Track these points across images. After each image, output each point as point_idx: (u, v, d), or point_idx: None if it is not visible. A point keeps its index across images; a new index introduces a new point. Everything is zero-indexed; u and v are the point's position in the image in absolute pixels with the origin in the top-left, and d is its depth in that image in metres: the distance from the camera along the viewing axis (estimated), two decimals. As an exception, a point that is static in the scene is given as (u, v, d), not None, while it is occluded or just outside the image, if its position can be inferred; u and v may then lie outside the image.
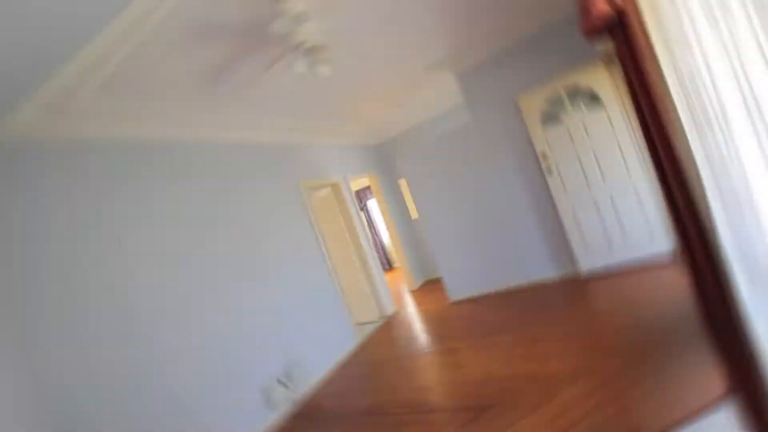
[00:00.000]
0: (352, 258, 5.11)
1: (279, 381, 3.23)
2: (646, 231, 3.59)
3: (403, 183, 6.44)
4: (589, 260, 3.83)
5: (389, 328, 4.60)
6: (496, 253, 4.38)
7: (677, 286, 2.95)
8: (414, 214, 6.42)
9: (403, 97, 4.85)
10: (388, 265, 9.45)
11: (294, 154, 4.46)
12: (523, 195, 4.13)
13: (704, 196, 1.74)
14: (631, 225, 3.63)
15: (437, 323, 4.15)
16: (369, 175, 6.01)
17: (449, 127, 5.83)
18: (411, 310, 5.05)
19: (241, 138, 3.75)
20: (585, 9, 1.93)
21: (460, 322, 3.91)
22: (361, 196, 9.32)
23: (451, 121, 5.89)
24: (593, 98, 3.63)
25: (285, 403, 3.26)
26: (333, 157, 5.20)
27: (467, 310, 4.21)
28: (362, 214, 9.54)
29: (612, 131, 3.58)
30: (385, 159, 6.58)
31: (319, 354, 3.78)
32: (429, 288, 5.90)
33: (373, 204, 9.42)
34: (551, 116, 3.80)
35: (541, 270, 4.17)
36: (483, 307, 4.08)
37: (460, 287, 4.64)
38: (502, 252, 4.34)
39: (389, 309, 5.20)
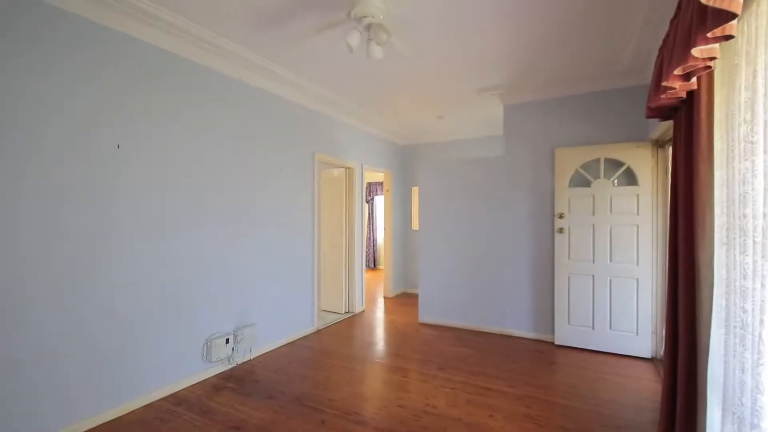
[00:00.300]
0: (340, 245, 5.03)
1: (226, 339, 3.15)
2: (633, 326, 3.47)
3: (415, 191, 6.35)
4: (566, 334, 3.72)
5: (351, 325, 4.51)
6: (478, 291, 4.28)
7: (647, 388, 2.85)
8: (415, 225, 6.33)
9: (445, 109, 4.75)
10: (373, 263, 9.37)
11: (318, 124, 4.36)
12: (525, 244, 4.02)
13: (710, 315, 1.64)
14: (621, 315, 3.51)
15: (398, 337, 4.06)
16: (385, 171, 5.91)
17: (479, 154, 5.74)
18: (378, 316, 4.96)
19: (271, 88, 3.65)
20: (657, 84, 1.82)
21: (421, 344, 3.81)
22: (371, 189, 9.23)
23: (484, 148, 5.80)
24: (629, 176, 3.51)
25: (224, 361, 3.19)
26: (355, 142, 5.11)
27: (432, 335, 4.11)
28: (367, 206, 9.48)
29: (636, 214, 3.46)
30: (406, 162, 6.49)
31: (273, 325, 3.70)
32: (403, 300, 5.81)
33: (380, 201, 9.34)
34: (582, 179, 3.69)
35: (517, 323, 4.07)
36: (448, 339, 3.98)
37: (432, 311, 4.55)
38: (485, 292, 4.24)
39: (358, 306, 5.11)
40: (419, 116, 5.11)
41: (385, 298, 6.02)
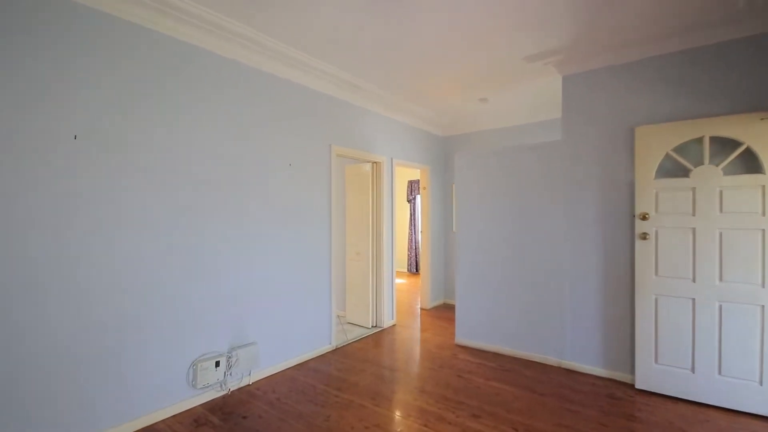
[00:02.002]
0: (366, 251, 4.43)
1: (216, 362, 2.69)
2: (755, 372, 2.46)
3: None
4: (652, 376, 2.77)
5: (375, 344, 3.88)
6: (530, 310, 3.44)
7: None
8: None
9: (488, 88, 3.95)
10: (415, 268, 8.68)
11: (335, 112, 3.79)
12: (593, 253, 3.11)
13: None
14: (737, 355, 2.50)
15: (428, 364, 3.35)
16: (422, 166, 5.21)
17: (531, 142, 4.84)
18: (409, 333, 4.28)
19: (275, 70, 3.15)
20: None
21: (454, 376, 3.08)
22: (413, 187, 8.55)
23: (541, 136, 4.89)
24: (749, 161, 2.50)
25: (215, 387, 2.73)
26: (383, 133, 4.47)
27: (469, 363, 3.35)
28: (408, 206, 8.82)
29: (761, 215, 2.44)
30: (446, 155, 5.73)
31: (279, 344, 3.19)
32: (441, 313, 5.07)
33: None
34: (675, 167, 2.72)
35: (581, 354, 3.17)
36: (488, 370, 3.20)
37: (471, 330, 3.78)
38: (539, 312, 3.38)
39: (386, 320, 4.48)
40: (458, 100, 4.36)
41: (421, 309, 5.32)
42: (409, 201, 8.71)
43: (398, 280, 7.84)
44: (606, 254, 3.06)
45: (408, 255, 8.80)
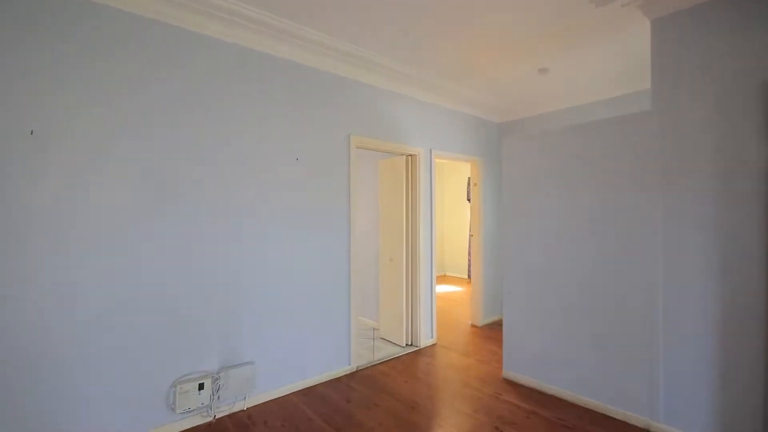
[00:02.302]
0: (400, 256, 3.84)
1: (199, 383, 2.35)
2: None
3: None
4: (812, 465, 1.74)
5: (404, 370, 3.27)
6: (604, 346, 2.53)
7: None
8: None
9: (548, 51, 3.09)
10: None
11: (354, 96, 3.26)
12: (702, 273, 2.13)
13: None
14: None
15: (460, 405, 2.66)
16: (471, 158, 4.45)
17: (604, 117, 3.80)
18: (450, 356, 3.58)
19: (281, 52, 2.73)
20: None
21: (490, 429, 2.34)
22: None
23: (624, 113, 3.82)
24: None
25: (199, 413, 2.39)
26: (419, 119, 3.81)
27: (516, 409, 2.57)
28: (469, 205, 7.97)
29: None
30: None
31: (282, 365, 2.78)
32: (494, 332, 4.24)
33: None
34: None
35: (681, 418, 2.19)
36: (541, 423, 2.40)
37: (523, 363, 2.96)
38: (618, 349, 2.46)
39: (424, 338, 3.83)
40: (512, 72, 3.54)
41: (471, 326, 4.55)
42: (469, 200, 7.86)
43: (454, 288, 7.07)
44: (724, 273, 2.06)
45: (468, 260, 7.95)
